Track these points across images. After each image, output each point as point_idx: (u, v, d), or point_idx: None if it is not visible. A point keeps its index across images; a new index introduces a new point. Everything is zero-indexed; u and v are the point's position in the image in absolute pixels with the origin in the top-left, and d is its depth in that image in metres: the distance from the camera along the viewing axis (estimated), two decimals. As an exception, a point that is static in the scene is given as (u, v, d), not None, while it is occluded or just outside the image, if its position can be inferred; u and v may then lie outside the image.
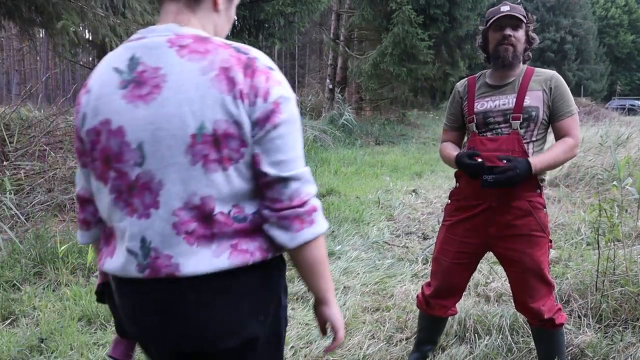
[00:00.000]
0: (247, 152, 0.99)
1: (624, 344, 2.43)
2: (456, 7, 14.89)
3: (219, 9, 1.09)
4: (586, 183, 6.24)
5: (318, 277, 1.11)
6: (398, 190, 6.71)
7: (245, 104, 0.97)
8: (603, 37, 40.86)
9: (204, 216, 0.99)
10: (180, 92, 0.96)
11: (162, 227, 0.99)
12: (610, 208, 2.99)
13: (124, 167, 1.00)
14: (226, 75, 0.97)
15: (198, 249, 0.99)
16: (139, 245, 1.01)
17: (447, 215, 2.21)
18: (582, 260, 3.55)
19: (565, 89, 2.03)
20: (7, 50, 29.28)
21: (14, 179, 4.55)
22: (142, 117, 0.98)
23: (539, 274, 2.04)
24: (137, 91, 0.99)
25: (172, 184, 0.98)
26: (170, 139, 0.96)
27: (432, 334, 2.41)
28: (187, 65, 0.98)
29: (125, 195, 1.01)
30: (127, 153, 0.99)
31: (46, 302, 2.96)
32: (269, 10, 8.31)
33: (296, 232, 1.01)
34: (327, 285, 1.13)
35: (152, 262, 1.00)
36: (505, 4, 2.06)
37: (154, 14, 5.47)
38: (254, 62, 1.00)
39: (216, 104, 0.96)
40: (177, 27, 1.02)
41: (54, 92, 32.07)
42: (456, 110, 2.20)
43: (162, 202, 0.99)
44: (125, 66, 1.01)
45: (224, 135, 0.96)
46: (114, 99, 1.00)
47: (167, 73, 0.98)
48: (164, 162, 0.97)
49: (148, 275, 1.01)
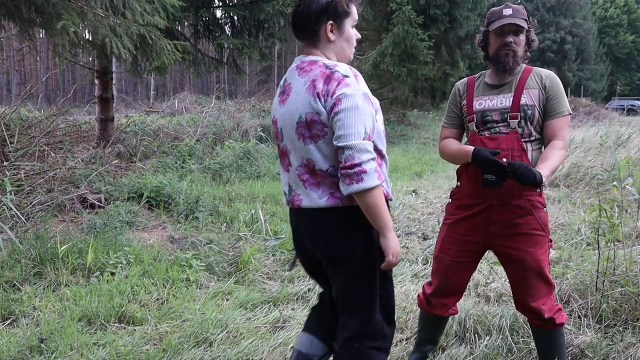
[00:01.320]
0: (328, 130, 1.58)
1: (624, 344, 2.43)
2: (456, 7, 14.90)
3: (331, 39, 1.67)
4: (586, 183, 6.24)
5: (374, 217, 1.59)
6: (398, 190, 6.71)
7: (322, 101, 1.57)
8: (603, 37, 40.88)
9: (311, 171, 1.64)
10: (294, 97, 1.64)
11: (294, 177, 1.70)
12: (610, 208, 2.98)
13: (278, 142, 1.75)
14: (313, 84, 1.59)
15: (310, 192, 1.65)
16: (287, 188, 1.76)
17: (448, 214, 2.22)
18: (582, 260, 3.55)
19: (559, 89, 2.03)
20: (7, 50, 29.27)
21: (14, 179, 4.54)
22: (281, 113, 1.70)
23: (540, 273, 2.04)
24: (281, 97, 1.72)
25: (292, 152, 1.68)
26: (290, 125, 1.65)
27: (433, 333, 2.41)
28: (299, 80, 1.65)
29: (280, 158, 1.77)
30: (278, 134, 1.74)
31: (46, 302, 2.96)
32: (269, 11, 8.30)
33: (347, 186, 1.54)
34: (382, 223, 1.60)
35: (291, 198, 1.73)
36: (507, 6, 2.06)
37: (154, 14, 5.47)
38: (333, 74, 1.58)
39: (306, 102, 1.60)
40: (303, 57, 1.70)
41: (54, 92, 32.05)
42: (456, 108, 2.22)
43: (291, 162, 1.69)
44: (282, 82, 1.76)
45: (311, 121, 1.59)
46: (275, 102, 1.76)
47: (292, 85, 1.67)
48: (288, 139, 1.68)
49: (290, 206, 1.76)
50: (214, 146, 8.39)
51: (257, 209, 4.95)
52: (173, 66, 11.08)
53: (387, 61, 13.03)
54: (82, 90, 29.41)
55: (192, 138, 8.42)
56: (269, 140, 10.00)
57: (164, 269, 3.47)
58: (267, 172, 7.38)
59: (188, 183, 5.76)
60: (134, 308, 2.94)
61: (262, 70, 36.67)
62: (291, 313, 3.01)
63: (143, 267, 3.47)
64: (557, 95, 2.02)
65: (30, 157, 5.47)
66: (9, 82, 31.74)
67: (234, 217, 4.87)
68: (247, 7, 8.60)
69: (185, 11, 7.80)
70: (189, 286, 3.35)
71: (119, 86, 32.53)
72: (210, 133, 9.10)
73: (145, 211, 4.85)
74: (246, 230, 4.51)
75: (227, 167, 7.10)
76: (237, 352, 2.52)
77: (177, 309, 2.98)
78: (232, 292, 3.33)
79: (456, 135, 2.23)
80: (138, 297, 3.10)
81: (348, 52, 1.73)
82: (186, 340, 2.63)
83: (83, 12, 4.73)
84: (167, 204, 5.02)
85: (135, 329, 2.76)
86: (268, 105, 14.59)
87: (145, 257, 3.60)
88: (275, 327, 2.86)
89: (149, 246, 3.90)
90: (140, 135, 7.95)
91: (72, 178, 5.27)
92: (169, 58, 5.80)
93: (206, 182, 6.27)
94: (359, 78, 1.62)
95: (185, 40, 8.25)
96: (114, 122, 7.82)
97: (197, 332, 2.70)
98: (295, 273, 3.67)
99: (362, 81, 1.64)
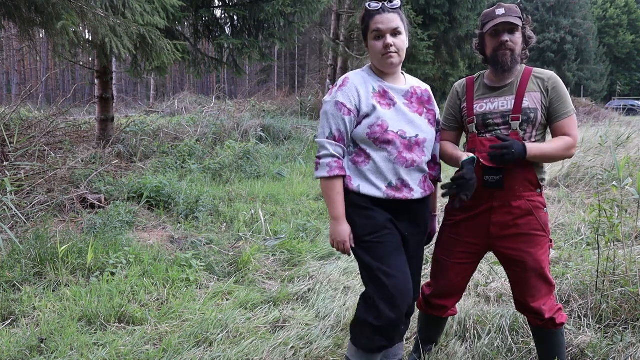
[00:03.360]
0: None
1: (624, 344, 2.43)
2: (456, 7, 14.91)
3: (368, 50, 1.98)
4: (586, 183, 6.24)
5: (326, 204, 1.96)
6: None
7: None
8: (603, 37, 40.89)
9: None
10: None
11: None
12: (610, 208, 2.98)
13: None
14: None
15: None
16: None
17: (448, 215, 2.21)
18: (582, 260, 3.55)
19: (563, 90, 2.02)
20: (7, 50, 29.28)
21: (14, 180, 4.55)
22: None
23: (540, 274, 2.04)
24: None
25: None
26: None
27: (432, 334, 2.41)
28: None
29: None
30: None
31: (46, 302, 2.96)
32: (269, 11, 8.29)
33: (315, 172, 1.96)
34: (330, 210, 1.95)
35: None
36: (500, 6, 2.06)
37: (154, 14, 5.47)
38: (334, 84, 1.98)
39: None
40: None
41: (54, 92, 32.06)
42: (454, 110, 2.20)
43: None
44: None
45: None
46: None
47: None
48: None
49: None
50: (214, 146, 8.40)
51: (257, 209, 4.95)
52: (173, 66, 11.08)
53: (387, 61, 13.03)
54: (82, 90, 29.42)
55: (192, 138, 8.43)
56: (269, 140, 10.00)
57: (164, 269, 3.47)
58: (267, 172, 7.38)
59: (188, 183, 5.76)
60: (134, 308, 2.94)
61: (262, 70, 36.69)
62: (291, 313, 3.01)
63: (143, 267, 3.47)
64: (561, 97, 2.01)
65: (30, 157, 5.47)
66: (9, 82, 31.73)
67: (234, 217, 4.87)
68: (247, 7, 8.60)
69: (185, 11, 7.80)
70: (189, 286, 3.35)
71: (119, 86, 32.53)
72: (210, 133, 9.10)
73: (145, 211, 4.85)
74: (246, 230, 4.51)
75: (227, 167, 7.10)
76: (237, 352, 2.52)
77: (177, 309, 2.98)
78: (232, 292, 3.33)
79: (454, 137, 2.23)
80: (138, 297, 3.10)
81: (375, 61, 1.97)
82: (186, 340, 2.63)
83: (83, 12, 4.72)
84: (167, 204, 5.02)
85: (135, 329, 2.76)
86: (268, 105, 14.59)
87: (145, 257, 3.60)
88: (275, 327, 2.86)
89: (149, 246, 3.90)
90: (140, 135, 7.95)
91: (72, 178, 5.27)
92: (169, 58, 5.80)
93: (206, 182, 6.28)
94: (342, 87, 1.94)
95: (185, 40, 8.26)
96: (114, 122, 7.82)
97: (197, 332, 2.70)
98: (295, 273, 3.67)
99: (346, 88, 1.92)
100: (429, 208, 2.10)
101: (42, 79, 25.12)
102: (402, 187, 1.93)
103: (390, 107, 1.93)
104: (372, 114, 1.89)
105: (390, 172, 1.91)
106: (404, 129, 1.91)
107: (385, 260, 1.90)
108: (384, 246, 1.91)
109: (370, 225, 1.92)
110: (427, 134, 1.98)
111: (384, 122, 1.89)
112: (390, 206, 1.94)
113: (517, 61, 2.04)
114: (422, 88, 2.07)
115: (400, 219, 1.97)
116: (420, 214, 2.03)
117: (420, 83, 2.10)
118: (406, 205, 1.96)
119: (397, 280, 1.88)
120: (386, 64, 1.92)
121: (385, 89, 1.96)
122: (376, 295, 1.89)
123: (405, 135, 1.91)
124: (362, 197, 1.92)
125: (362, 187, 1.92)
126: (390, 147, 1.89)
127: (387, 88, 1.96)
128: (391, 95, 1.95)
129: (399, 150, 1.90)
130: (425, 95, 2.06)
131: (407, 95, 1.99)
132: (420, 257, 2.13)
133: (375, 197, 1.91)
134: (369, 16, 1.92)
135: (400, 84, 2.01)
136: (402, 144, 1.90)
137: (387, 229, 1.93)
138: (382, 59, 1.92)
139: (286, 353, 2.53)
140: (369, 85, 1.95)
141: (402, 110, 1.94)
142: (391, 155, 1.90)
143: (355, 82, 1.95)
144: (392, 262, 1.90)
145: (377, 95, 1.94)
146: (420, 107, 2.01)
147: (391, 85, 1.98)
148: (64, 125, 8.00)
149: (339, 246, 1.96)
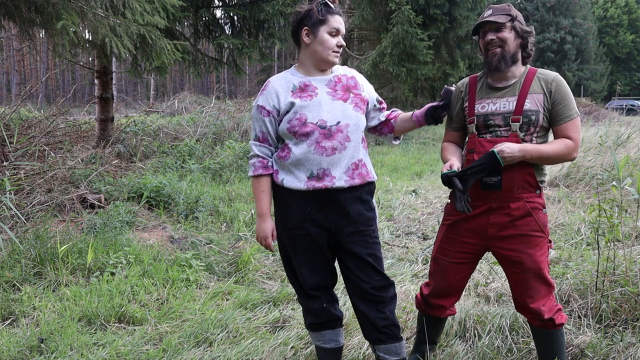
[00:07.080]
0: None
1: (624, 344, 2.43)
2: (456, 7, 14.88)
3: (307, 43, 1.99)
4: (586, 183, 6.24)
5: (255, 200, 2.08)
6: (398, 190, 6.71)
7: None
8: (603, 37, 40.89)
9: None
10: None
11: None
12: (610, 208, 2.98)
13: None
14: None
15: None
16: None
17: (447, 214, 2.21)
18: (582, 260, 3.55)
19: (566, 93, 1.99)
20: (7, 50, 29.27)
21: (13, 179, 4.55)
22: None
23: (539, 274, 2.04)
24: None
25: None
26: None
27: (432, 334, 2.40)
28: None
29: None
30: None
31: (46, 302, 2.96)
32: (269, 11, 8.29)
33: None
34: (256, 207, 2.07)
35: None
36: (489, 7, 2.06)
37: (154, 14, 5.47)
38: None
39: None
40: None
41: (54, 92, 32.06)
42: (458, 109, 2.19)
43: None
44: None
45: None
46: None
47: None
48: None
49: None
50: (214, 146, 8.39)
51: (257, 209, 4.94)
52: (173, 66, 11.07)
53: (386, 61, 13.02)
54: (82, 90, 29.42)
55: (192, 138, 8.43)
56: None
57: (163, 269, 3.47)
58: (267, 172, 7.37)
59: (188, 183, 5.76)
60: (134, 308, 2.94)
61: (262, 70, 36.67)
62: (291, 313, 3.01)
63: (143, 267, 3.47)
64: (564, 100, 1.98)
65: (30, 157, 5.47)
66: (9, 82, 31.72)
67: (233, 217, 4.87)
68: (247, 7, 8.60)
69: (185, 11, 7.80)
70: (188, 286, 3.35)
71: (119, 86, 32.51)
72: (210, 133, 9.10)
73: (145, 211, 4.85)
74: (246, 230, 4.51)
75: (227, 167, 7.10)
76: (237, 352, 2.52)
77: (177, 309, 2.98)
78: (232, 292, 3.33)
79: (458, 137, 2.22)
80: (138, 297, 3.10)
81: (323, 55, 1.97)
82: (186, 340, 2.63)
83: (83, 12, 4.72)
84: (167, 204, 5.02)
85: (135, 329, 2.76)
86: (268, 105, 14.53)
87: (145, 257, 3.60)
88: (275, 327, 2.86)
89: (149, 246, 3.90)
90: (140, 135, 7.96)
91: (72, 178, 5.27)
92: (169, 58, 5.80)
93: (206, 182, 6.27)
94: (263, 91, 2.04)
95: (185, 40, 8.25)
96: (113, 122, 7.82)
97: (197, 332, 2.70)
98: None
99: (266, 92, 2.01)
100: (361, 198, 2.03)
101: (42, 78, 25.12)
102: (324, 176, 1.95)
103: (312, 97, 1.98)
104: (290, 110, 1.97)
105: (310, 163, 1.95)
106: (324, 118, 1.95)
107: (293, 257, 2.08)
108: (292, 245, 2.06)
109: (284, 223, 2.05)
110: (351, 119, 1.99)
111: (302, 115, 1.95)
112: (316, 198, 1.97)
113: (507, 60, 2.01)
114: (349, 75, 2.11)
115: (326, 209, 1.99)
116: (349, 204, 1.99)
117: (347, 70, 2.13)
118: (331, 195, 1.97)
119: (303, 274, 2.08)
120: (331, 61, 2.00)
121: (306, 82, 2.02)
122: (296, 285, 2.16)
123: (325, 125, 1.95)
124: (287, 190, 2.00)
125: (285, 180, 1.99)
126: (308, 138, 1.94)
127: (308, 82, 2.02)
128: (313, 87, 2.01)
129: (317, 140, 1.94)
130: (352, 82, 2.09)
131: (331, 83, 2.04)
132: (365, 245, 2.03)
133: (299, 190, 1.96)
134: (330, 12, 1.97)
135: (326, 74, 2.07)
136: (320, 134, 1.94)
137: (300, 228, 2.01)
138: (331, 55, 1.98)
139: (286, 353, 2.53)
140: (289, 84, 2.02)
141: (324, 99, 1.99)
142: (310, 146, 1.94)
143: (276, 84, 2.02)
144: (298, 260, 2.07)
145: (297, 91, 2.00)
146: (345, 93, 2.04)
147: (313, 77, 2.03)
148: (63, 125, 8.01)
149: (262, 242, 2.09)
